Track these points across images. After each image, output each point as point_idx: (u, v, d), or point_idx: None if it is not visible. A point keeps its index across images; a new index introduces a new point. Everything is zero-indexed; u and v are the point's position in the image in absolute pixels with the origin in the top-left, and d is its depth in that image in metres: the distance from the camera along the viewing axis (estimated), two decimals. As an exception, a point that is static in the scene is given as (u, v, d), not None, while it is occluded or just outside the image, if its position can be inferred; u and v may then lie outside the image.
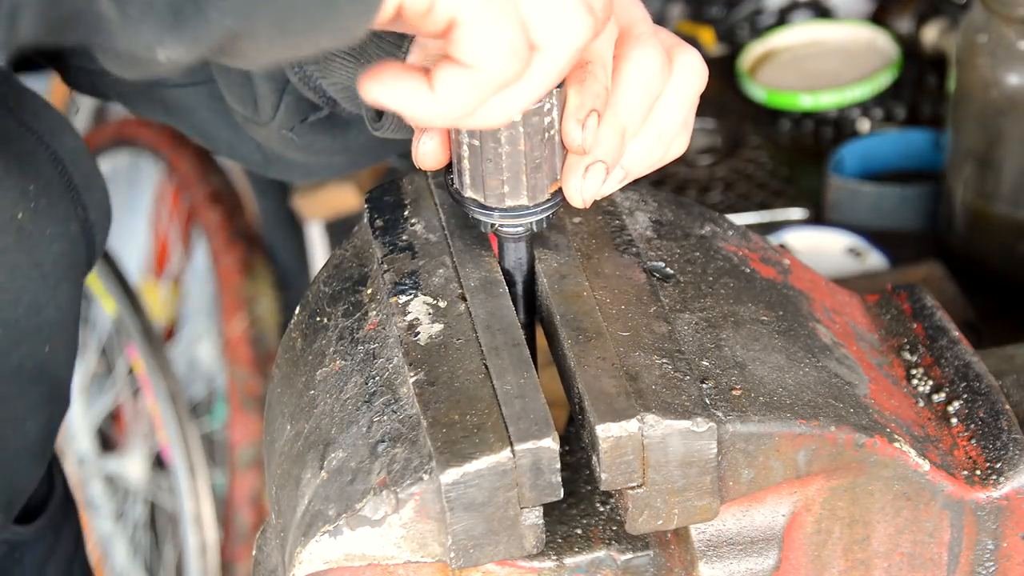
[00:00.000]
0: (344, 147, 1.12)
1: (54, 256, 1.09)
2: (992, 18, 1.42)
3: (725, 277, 0.98)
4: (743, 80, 1.86)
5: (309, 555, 0.87)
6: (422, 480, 0.85)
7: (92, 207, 1.13)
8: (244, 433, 2.55)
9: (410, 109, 0.82)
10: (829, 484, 0.93)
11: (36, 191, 1.07)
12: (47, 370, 1.11)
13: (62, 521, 1.26)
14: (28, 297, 1.07)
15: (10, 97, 1.09)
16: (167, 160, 2.74)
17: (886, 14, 1.92)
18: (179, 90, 1.14)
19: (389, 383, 0.91)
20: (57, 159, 1.11)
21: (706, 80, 0.94)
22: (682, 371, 0.89)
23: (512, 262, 0.96)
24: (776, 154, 1.78)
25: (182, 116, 1.17)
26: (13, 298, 1.06)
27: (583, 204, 0.91)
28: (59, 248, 1.09)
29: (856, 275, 1.53)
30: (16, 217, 1.05)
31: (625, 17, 0.91)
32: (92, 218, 1.14)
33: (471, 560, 0.88)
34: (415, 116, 0.82)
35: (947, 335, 1.03)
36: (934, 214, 1.61)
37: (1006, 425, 0.97)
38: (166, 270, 2.86)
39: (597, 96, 0.88)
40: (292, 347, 1.00)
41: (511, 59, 0.80)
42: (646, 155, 0.92)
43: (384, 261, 0.96)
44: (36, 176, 1.08)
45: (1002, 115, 1.43)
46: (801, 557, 0.95)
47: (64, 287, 1.10)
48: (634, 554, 0.96)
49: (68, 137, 1.13)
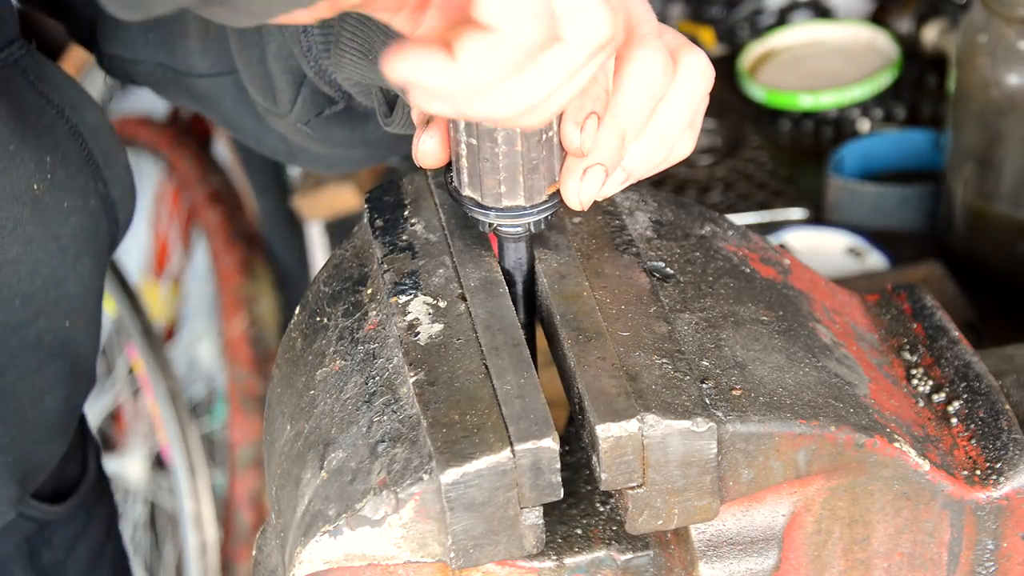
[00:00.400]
0: (363, 140, 1.12)
1: (72, 230, 1.10)
2: (992, 18, 1.42)
3: (725, 277, 0.98)
4: (743, 80, 1.86)
5: (309, 555, 0.87)
6: (422, 480, 0.85)
7: (113, 183, 1.14)
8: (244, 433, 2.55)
9: (434, 82, 0.80)
10: (829, 484, 0.93)
11: (53, 163, 1.07)
12: (68, 345, 1.12)
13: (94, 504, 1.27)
14: (45, 270, 1.08)
15: (32, 70, 1.09)
16: (167, 160, 2.74)
17: (886, 14, 1.92)
18: (205, 80, 1.14)
19: (389, 383, 0.91)
20: (77, 133, 1.11)
21: (712, 81, 0.92)
22: (682, 371, 0.89)
23: (512, 262, 0.96)
24: (776, 154, 1.78)
25: (209, 105, 1.18)
26: (30, 270, 1.07)
27: (580, 207, 0.90)
28: (77, 222, 1.10)
29: (856, 275, 1.53)
30: (32, 188, 1.05)
31: (630, 17, 0.91)
32: (113, 194, 1.14)
33: (471, 560, 0.88)
34: (439, 89, 0.80)
35: (947, 335, 1.03)
36: (934, 214, 1.61)
37: (1006, 425, 0.97)
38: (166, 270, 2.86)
39: (596, 98, 0.87)
40: (292, 347, 1.00)
41: (535, 23, 0.78)
42: (649, 157, 0.92)
43: (384, 261, 0.96)
44: (54, 148, 1.08)
45: (1002, 115, 1.43)
46: (801, 557, 0.95)
47: (84, 262, 1.11)
48: (634, 554, 0.96)
49: (90, 112, 1.13)
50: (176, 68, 1.15)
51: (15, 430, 1.08)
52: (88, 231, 1.11)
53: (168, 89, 1.19)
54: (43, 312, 1.08)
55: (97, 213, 1.12)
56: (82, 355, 1.14)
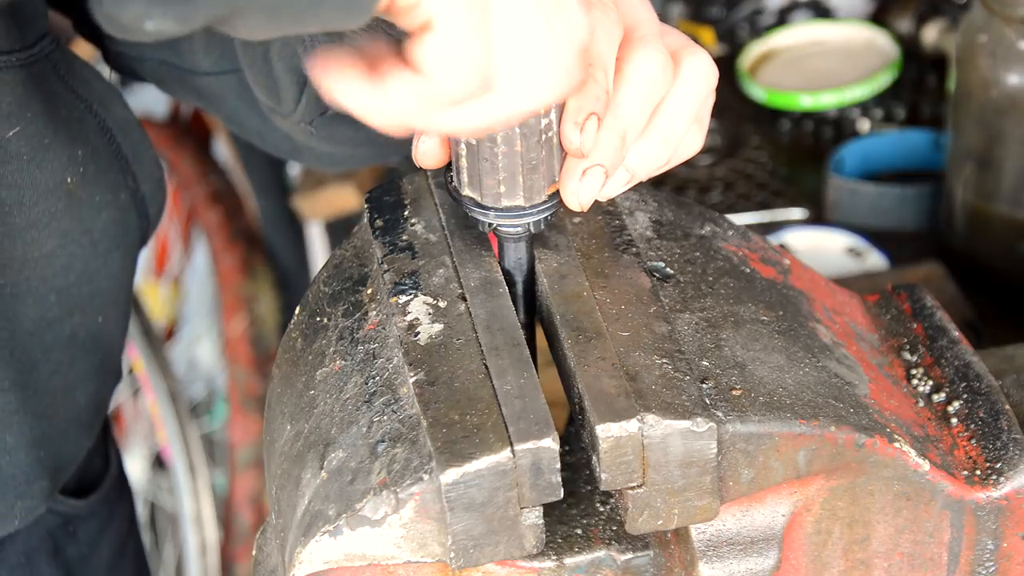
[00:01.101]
0: (367, 139, 1.12)
1: (104, 224, 1.10)
2: (992, 18, 1.42)
3: (725, 277, 0.98)
4: (743, 80, 1.86)
5: (309, 555, 0.87)
6: (422, 480, 0.85)
7: (143, 178, 1.15)
8: (244, 433, 2.55)
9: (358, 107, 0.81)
10: (829, 484, 0.93)
11: (84, 157, 1.08)
12: (100, 340, 1.13)
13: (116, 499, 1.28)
14: (79, 264, 1.08)
15: (61, 65, 1.10)
16: (167, 160, 2.74)
17: (886, 14, 1.92)
18: (209, 78, 1.15)
19: (389, 383, 0.91)
20: (105, 127, 1.12)
21: (715, 81, 0.93)
22: (682, 371, 0.89)
23: (512, 262, 0.96)
24: (776, 154, 1.78)
25: (214, 103, 1.18)
26: (64, 264, 1.07)
27: (580, 207, 0.90)
28: (109, 216, 1.11)
29: (856, 275, 1.52)
30: (65, 182, 1.06)
31: (630, 18, 0.91)
32: (143, 189, 1.15)
33: (471, 560, 0.88)
34: (362, 115, 0.81)
35: (947, 335, 1.03)
36: (934, 214, 1.61)
37: (1006, 425, 0.97)
38: (166, 270, 2.86)
39: (597, 99, 0.87)
40: (292, 347, 1.00)
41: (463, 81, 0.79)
42: (652, 157, 0.91)
43: (384, 261, 0.96)
44: (84, 142, 1.09)
45: (1002, 115, 1.43)
46: (801, 557, 0.95)
47: (115, 256, 1.12)
48: (634, 554, 0.96)
49: (117, 107, 1.14)
50: (180, 66, 1.15)
51: (47, 424, 1.09)
52: (119, 225, 1.12)
53: (173, 86, 1.19)
54: (77, 307, 1.09)
55: (127, 207, 1.13)
56: (113, 351, 1.15)
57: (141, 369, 2.51)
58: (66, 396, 1.11)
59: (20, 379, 1.06)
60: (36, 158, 1.04)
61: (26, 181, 1.04)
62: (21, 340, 1.06)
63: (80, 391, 1.13)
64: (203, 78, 1.15)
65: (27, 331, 1.06)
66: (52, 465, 1.11)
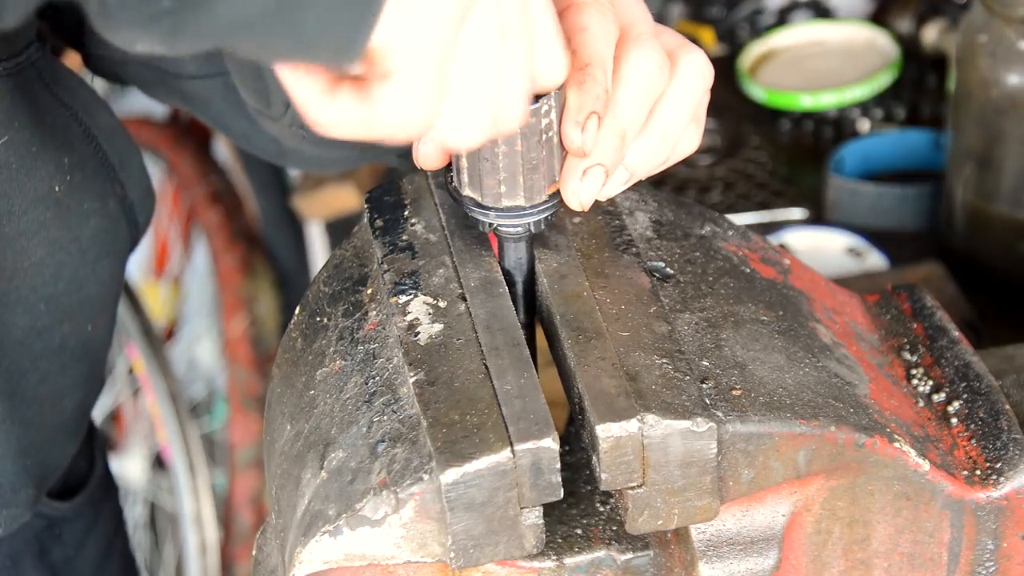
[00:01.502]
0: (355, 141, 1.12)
1: (92, 231, 1.10)
2: (992, 18, 1.42)
3: (725, 277, 0.98)
4: (743, 80, 1.85)
5: (309, 555, 0.87)
6: (422, 480, 0.85)
7: (131, 186, 1.14)
8: (244, 433, 2.55)
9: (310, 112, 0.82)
10: (829, 484, 0.93)
11: (71, 165, 1.08)
12: (88, 348, 1.12)
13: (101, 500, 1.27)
14: (68, 272, 1.08)
15: (47, 72, 1.10)
16: (167, 160, 2.74)
17: (886, 14, 1.92)
18: (194, 81, 1.14)
19: (389, 383, 0.91)
20: (90, 135, 1.11)
21: (711, 80, 0.93)
22: (682, 371, 0.89)
23: (512, 262, 0.96)
24: (776, 154, 1.78)
25: (199, 106, 1.18)
26: (53, 273, 1.07)
27: (581, 207, 0.90)
28: (97, 224, 1.10)
29: (856, 275, 1.52)
30: (53, 190, 1.06)
31: (625, 18, 0.91)
32: (131, 196, 1.14)
33: (471, 560, 0.88)
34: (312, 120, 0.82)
35: (947, 335, 1.03)
36: (934, 214, 1.61)
37: (1006, 425, 0.97)
38: (166, 270, 2.86)
39: (597, 98, 0.87)
40: (292, 347, 1.00)
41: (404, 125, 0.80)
42: (650, 156, 0.92)
43: (384, 261, 0.96)
44: (70, 150, 1.09)
45: (1002, 115, 1.43)
46: (801, 557, 0.95)
47: (104, 264, 1.11)
48: (634, 554, 0.96)
49: (102, 115, 1.14)
50: (165, 69, 1.15)
51: (35, 433, 1.09)
52: (108, 233, 1.12)
53: (156, 89, 1.19)
54: (67, 315, 1.09)
55: (116, 215, 1.13)
56: (100, 358, 1.15)
57: (141, 369, 2.51)
58: (54, 405, 1.11)
59: (8, 388, 1.06)
60: (24, 167, 1.04)
61: (15, 190, 1.03)
62: (10, 349, 1.06)
63: (68, 399, 1.12)
64: (188, 82, 1.15)
65: (16, 340, 1.06)
66: (38, 473, 1.10)
